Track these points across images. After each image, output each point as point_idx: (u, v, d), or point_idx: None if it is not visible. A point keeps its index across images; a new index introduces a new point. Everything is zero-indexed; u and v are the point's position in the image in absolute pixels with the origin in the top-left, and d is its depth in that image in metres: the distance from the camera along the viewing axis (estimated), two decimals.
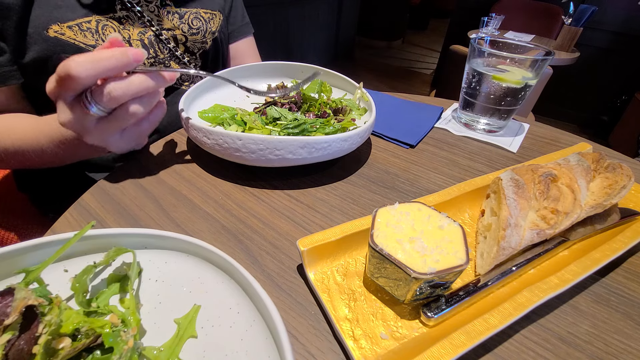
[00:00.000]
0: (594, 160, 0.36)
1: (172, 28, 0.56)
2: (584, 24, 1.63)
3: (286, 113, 0.47)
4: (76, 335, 0.19)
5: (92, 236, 0.24)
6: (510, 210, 0.30)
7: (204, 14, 0.60)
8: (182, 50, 0.58)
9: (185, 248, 0.25)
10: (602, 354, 0.26)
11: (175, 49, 0.56)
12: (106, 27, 0.49)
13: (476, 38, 0.53)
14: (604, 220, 0.35)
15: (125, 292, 0.23)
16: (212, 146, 0.39)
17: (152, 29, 0.54)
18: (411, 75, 3.29)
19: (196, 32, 0.59)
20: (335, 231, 0.31)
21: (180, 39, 0.57)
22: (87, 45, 0.47)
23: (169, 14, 0.56)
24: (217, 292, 0.24)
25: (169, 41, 0.55)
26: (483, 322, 0.25)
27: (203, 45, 0.61)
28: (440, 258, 0.25)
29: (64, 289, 0.22)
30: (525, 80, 0.50)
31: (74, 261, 0.25)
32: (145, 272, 0.25)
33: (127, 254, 0.25)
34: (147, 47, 0.53)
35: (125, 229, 0.25)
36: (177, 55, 0.57)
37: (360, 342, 0.25)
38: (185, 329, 0.22)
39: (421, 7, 4.57)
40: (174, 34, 0.56)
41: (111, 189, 0.40)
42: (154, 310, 0.23)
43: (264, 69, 0.59)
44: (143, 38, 0.52)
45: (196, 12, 0.59)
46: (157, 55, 0.55)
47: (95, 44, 0.48)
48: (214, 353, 0.21)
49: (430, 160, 0.49)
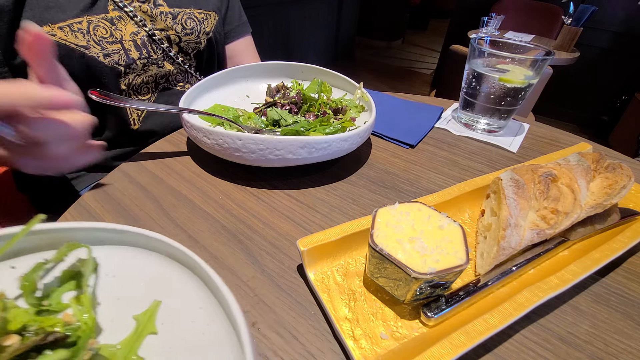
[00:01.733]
0: (594, 160, 0.36)
1: (165, 28, 0.56)
2: (584, 24, 1.63)
3: (286, 115, 0.47)
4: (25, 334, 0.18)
5: (41, 231, 0.23)
6: (510, 210, 0.30)
7: (198, 14, 0.60)
8: (175, 50, 0.58)
9: (144, 243, 0.24)
10: (602, 354, 0.26)
11: (169, 49, 0.56)
12: (97, 27, 0.49)
13: (476, 38, 0.53)
14: (604, 220, 0.35)
15: (80, 289, 0.22)
16: (212, 146, 0.39)
17: (145, 29, 0.53)
18: (411, 75, 3.29)
19: (190, 33, 0.59)
20: (335, 231, 0.31)
21: (174, 39, 0.57)
22: (78, 46, 0.47)
23: (162, 14, 0.56)
24: (178, 287, 0.23)
25: (162, 41, 0.55)
26: (483, 322, 0.25)
27: (197, 45, 0.61)
28: (440, 258, 0.25)
29: (11, 287, 0.21)
30: (527, 80, 0.50)
31: (24, 259, 0.23)
32: (102, 268, 0.24)
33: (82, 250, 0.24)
34: (139, 48, 0.53)
35: (78, 222, 0.24)
36: (171, 55, 0.57)
37: (360, 342, 0.25)
38: (145, 325, 0.21)
39: (421, 7, 4.57)
40: (167, 34, 0.56)
41: (111, 189, 0.40)
42: (112, 308, 0.22)
43: (264, 69, 0.59)
44: (135, 38, 0.53)
45: (190, 13, 0.59)
46: (150, 55, 0.55)
47: (86, 44, 0.48)
48: (175, 349, 0.20)
49: (430, 160, 0.49)
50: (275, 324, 0.27)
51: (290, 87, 0.56)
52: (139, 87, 0.55)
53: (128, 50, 0.52)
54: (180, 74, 0.60)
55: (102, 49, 0.49)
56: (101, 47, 0.49)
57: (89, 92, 0.39)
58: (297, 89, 0.55)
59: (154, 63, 0.55)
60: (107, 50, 0.50)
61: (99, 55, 0.49)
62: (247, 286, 0.30)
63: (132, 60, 0.52)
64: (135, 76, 0.54)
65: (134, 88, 0.54)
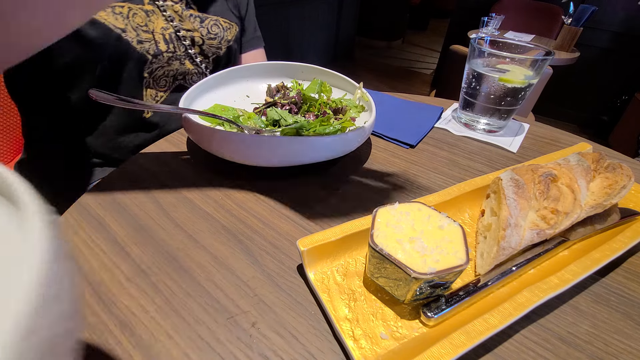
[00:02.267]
0: (594, 160, 0.36)
1: (191, 29, 0.60)
2: (584, 24, 1.63)
3: (286, 115, 0.47)
4: None
5: None
6: (510, 210, 0.30)
7: (223, 23, 0.65)
8: (196, 50, 0.61)
9: None
10: (602, 354, 0.26)
11: (190, 48, 0.60)
12: (136, 15, 0.53)
13: (476, 38, 0.53)
14: (604, 220, 0.35)
15: None
16: (212, 146, 0.39)
17: (172, 25, 0.57)
18: (411, 75, 3.29)
19: (213, 38, 0.63)
20: (335, 231, 0.31)
21: (198, 41, 0.61)
22: (116, 28, 0.51)
23: (191, 16, 0.60)
24: None
25: (185, 39, 0.59)
26: (483, 322, 0.25)
27: (217, 50, 0.64)
28: (440, 258, 0.25)
29: None
30: (527, 80, 0.50)
31: None
32: None
33: None
34: (167, 42, 0.57)
35: None
36: (191, 54, 0.60)
37: (360, 342, 0.25)
38: None
39: (421, 7, 4.57)
40: (193, 35, 0.60)
41: (111, 189, 0.40)
42: None
43: (264, 69, 0.59)
44: (164, 33, 0.56)
45: (216, 20, 0.63)
46: (175, 51, 0.58)
47: (124, 28, 0.51)
48: None
49: (430, 160, 0.49)
50: (275, 324, 0.27)
51: (290, 87, 0.56)
52: (158, 79, 0.58)
53: (157, 42, 0.56)
54: (196, 74, 0.63)
55: (137, 35, 0.53)
56: (136, 33, 0.53)
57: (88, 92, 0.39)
58: (297, 89, 0.55)
59: (177, 59, 0.59)
60: (141, 37, 0.53)
61: (133, 41, 0.52)
62: (247, 286, 0.30)
63: (160, 51, 0.56)
64: (159, 67, 0.57)
65: (154, 78, 0.58)
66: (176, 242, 0.34)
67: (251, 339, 0.26)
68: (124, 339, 0.26)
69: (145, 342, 0.25)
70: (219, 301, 0.29)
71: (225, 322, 0.27)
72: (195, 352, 0.25)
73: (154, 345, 0.25)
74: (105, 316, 0.27)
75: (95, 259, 0.31)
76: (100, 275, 0.30)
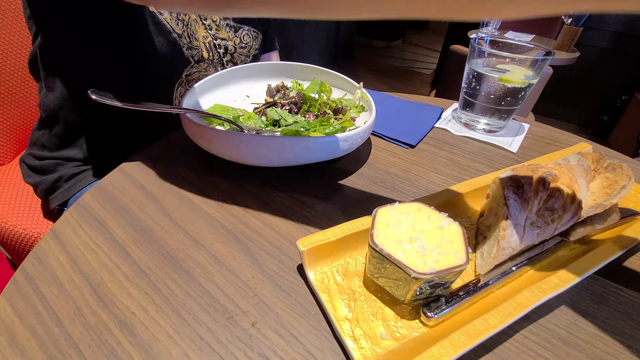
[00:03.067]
0: (594, 160, 0.36)
1: (226, 38, 0.63)
2: (584, 24, 1.63)
3: (286, 115, 0.47)
4: None
5: None
6: (510, 210, 0.30)
7: (253, 33, 0.68)
8: (228, 58, 0.64)
9: None
10: (602, 354, 0.26)
11: (224, 56, 0.63)
12: (191, 23, 0.56)
13: (476, 38, 0.53)
14: (604, 220, 0.35)
15: None
16: (212, 146, 0.39)
17: (210, 33, 0.60)
18: (411, 75, 3.29)
19: (244, 47, 0.66)
20: (335, 231, 0.31)
21: (230, 49, 0.64)
22: (174, 32, 0.53)
23: (227, 26, 0.64)
24: None
25: (220, 47, 0.62)
26: (483, 322, 0.25)
27: (246, 59, 0.67)
28: (440, 258, 0.25)
29: None
30: (527, 80, 0.50)
31: None
32: None
33: None
34: (208, 50, 0.60)
35: None
36: (224, 62, 0.63)
37: (360, 342, 0.25)
38: None
39: None
40: (227, 43, 0.63)
41: (111, 189, 0.40)
42: None
43: (264, 69, 0.59)
44: (205, 42, 0.60)
45: (248, 30, 0.67)
46: (214, 58, 0.61)
47: (181, 33, 0.54)
48: None
49: (430, 160, 0.49)
50: (275, 324, 0.27)
51: (290, 87, 0.56)
52: (192, 80, 0.60)
53: (202, 50, 0.58)
54: None
55: (189, 42, 0.56)
56: (189, 40, 0.56)
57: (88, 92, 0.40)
58: (297, 89, 0.55)
59: (214, 66, 0.62)
60: (192, 44, 0.57)
61: (185, 47, 0.55)
62: (247, 286, 0.30)
63: (203, 59, 0.59)
64: (196, 71, 0.59)
65: (189, 79, 0.60)
66: (176, 242, 0.34)
67: (251, 339, 0.26)
68: (124, 339, 0.26)
69: (145, 342, 0.25)
70: (219, 301, 0.29)
71: (225, 322, 0.27)
72: (195, 352, 0.25)
73: (154, 345, 0.25)
74: (105, 316, 0.27)
75: (95, 259, 0.32)
76: (100, 275, 0.30)
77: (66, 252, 0.32)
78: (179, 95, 0.60)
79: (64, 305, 0.28)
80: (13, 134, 0.81)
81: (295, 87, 0.56)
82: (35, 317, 0.27)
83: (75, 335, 0.26)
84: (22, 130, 0.82)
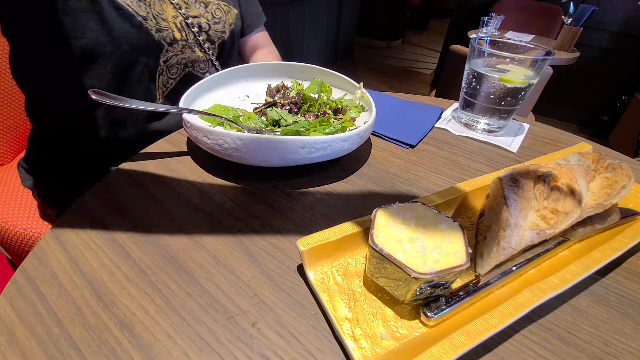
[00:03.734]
0: (594, 160, 0.36)
1: (197, 15, 0.60)
2: (584, 24, 1.63)
3: (286, 115, 0.47)
4: None
5: None
6: (510, 210, 0.30)
7: (224, 6, 0.66)
8: (204, 37, 0.62)
9: None
10: (602, 354, 0.26)
11: (198, 35, 0.60)
12: (155, 3, 0.54)
13: (476, 38, 0.53)
14: (604, 220, 0.35)
15: None
16: (212, 146, 0.39)
17: (180, 13, 0.57)
18: (411, 75, 3.29)
19: (218, 22, 0.64)
20: (335, 231, 0.31)
21: (204, 27, 0.61)
22: (138, 15, 0.51)
23: (196, 2, 0.61)
24: None
25: (193, 26, 0.59)
26: (483, 322, 0.25)
27: (222, 35, 0.65)
28: (440, 258, 0.25)
29: None
30: (527, 80, 0.50)
31: None
32: None
33: None
34: (180, 30, 0.57)
35: None
36: (200, 41, 0.61)
37: (360, 342, 0.25)
38: None
39: (421, 7, 4.57)
40: (199, 21, 0.60)
41: (111, 189, 0.40)
42: None
43: (264, 69, 0.59)
44: (175, 22, 0.57)
45: (218, 4, 0.65)
46: (187, 39, 0.59)
47: (145, 16, 0.52)
48: None
49: (430, 160, 0.49)
50: (275, 324, 0.27)
51: (290, 87, 0.56)
52: (171, 67, 0.59)
53: (173, 30, 0.56)
54: (204, 62, 0.63)
55: (156, 23, 0.54)
56: (156, 21, 0.53)
57: (88, 92, 0.40)
58: (297, 89, 0.55)
59: (189, 47, 0.59)
60: (160, 26, 0.54)
61: (152, 29, 0.53)
62: (247, 286, 0.30)
63: (175, 40, 0.57)
64: (173, 55, 0.58)
65: (168, 66, 0.58)
66: (176, 242, 0.34)
67: (251, 339, 0.26)
68: (124, 339, 0.26)
69: (145, 342, 0.25)
70: (219, 301, 0.29)
71: (225, 322, 0.27)
72: (195, 352, 0.25)
73: (154, 345, 0.25)
74: (105, 316, 0.27)
75: (95, 259, 0.32)
76: (100, 275, 0.30)
77: (66, 252, 0.32)
78: (162, 85, 0.58)
79: (64, 305, 0.28)
80: (13, 134, 0.81)
81: (295, 87, 0.56)
82: (35, 317, 0.27)
83: (75, 335, 0.26)
84: (22, 130, 0.82)
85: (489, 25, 1.81)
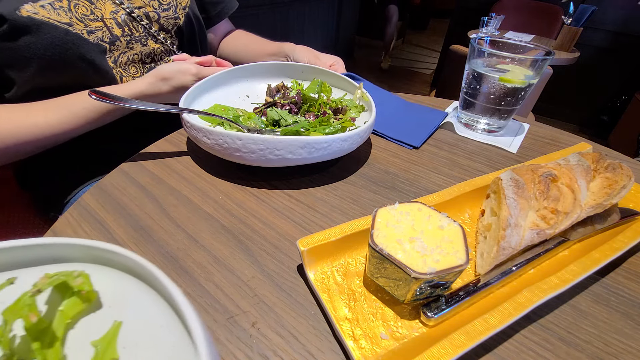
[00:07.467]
0: (594, 160, 0.36)
1: (142, 5, 0.57)
2: (584, 24, 1.63)
3: (286, 115, 0.47)
4: None
5: None
6: (510, 210, 0.30)
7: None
8: (157, 28, 0.59)
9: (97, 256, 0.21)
10: (602, 354, 0.26)
11: (149, 26, 0.57)
12: (78, 5, 0.50)
13: (476, 38, 0.53)
14: (604, 220, 0.35)
15: None
16: (212, 146, 0.39)
17: (122, 7, 0.54)
18: (411, 75, 3.29)
19: (167, 8, 0.60)
20: (335, 231, 0.31)
21: (153, 16, 0.58)
22: (62, 23, 0.48)
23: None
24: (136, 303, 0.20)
25: (141, 19, 0.56)
26: (483, 322, 0.25)
27: (176, 21, 0.61)
28: (440, 258, 0.25)
29: None
30: (527, 80, 0.50)
31: None
32: None
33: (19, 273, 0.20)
34: (121, 25, 0.54)
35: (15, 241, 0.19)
36: (153, 33, 0.58)
37: (360, 342, 0.25)
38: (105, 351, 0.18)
39: (421, 7, 4.57)
40: (146, 11, 0.57)
41: (111, 189, 0.40)
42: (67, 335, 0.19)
43: (264, 69, 0.59)
44: (116, 17, 0.53)
45: None
46: (133, 33, 0.55)
47: (69, 22, 0.48)
48: None
49: (430, 160, 0.49)
50: (275, 324, 0.27)
51: (290, 87, 0.56)
52: (125, 65, 0.56)
53: (110, 27, 0.53)
54: (164, 52, 0.61)
55: (86, 25, 0.50)
56: (84, 24, 0.50)
57: (88, 92, 0.40)
58: (297, 89, 0.55)
59: (138, 41, 0.56)
60: (90, 27, 0.50)
61: (83, 32, 0.50)
62: (247, 286, 0.30)
63: (115, 37, 0.53)
64: (121, 54, 0.54)
65: (121, 66, 0.55)
66: (176, 242, 0.34)
67: (251, 339, 0.26)
68: None
69: None
70: (219, 301, 0.29)
71: (225, 322, 0.27)
72: None
73: None
74: None
75: None
76: None
77: None
78: None
79: None
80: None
81: (295, 87, 0.56)
82: None
83: None
84: None
85: (489, 25, 1.81)
